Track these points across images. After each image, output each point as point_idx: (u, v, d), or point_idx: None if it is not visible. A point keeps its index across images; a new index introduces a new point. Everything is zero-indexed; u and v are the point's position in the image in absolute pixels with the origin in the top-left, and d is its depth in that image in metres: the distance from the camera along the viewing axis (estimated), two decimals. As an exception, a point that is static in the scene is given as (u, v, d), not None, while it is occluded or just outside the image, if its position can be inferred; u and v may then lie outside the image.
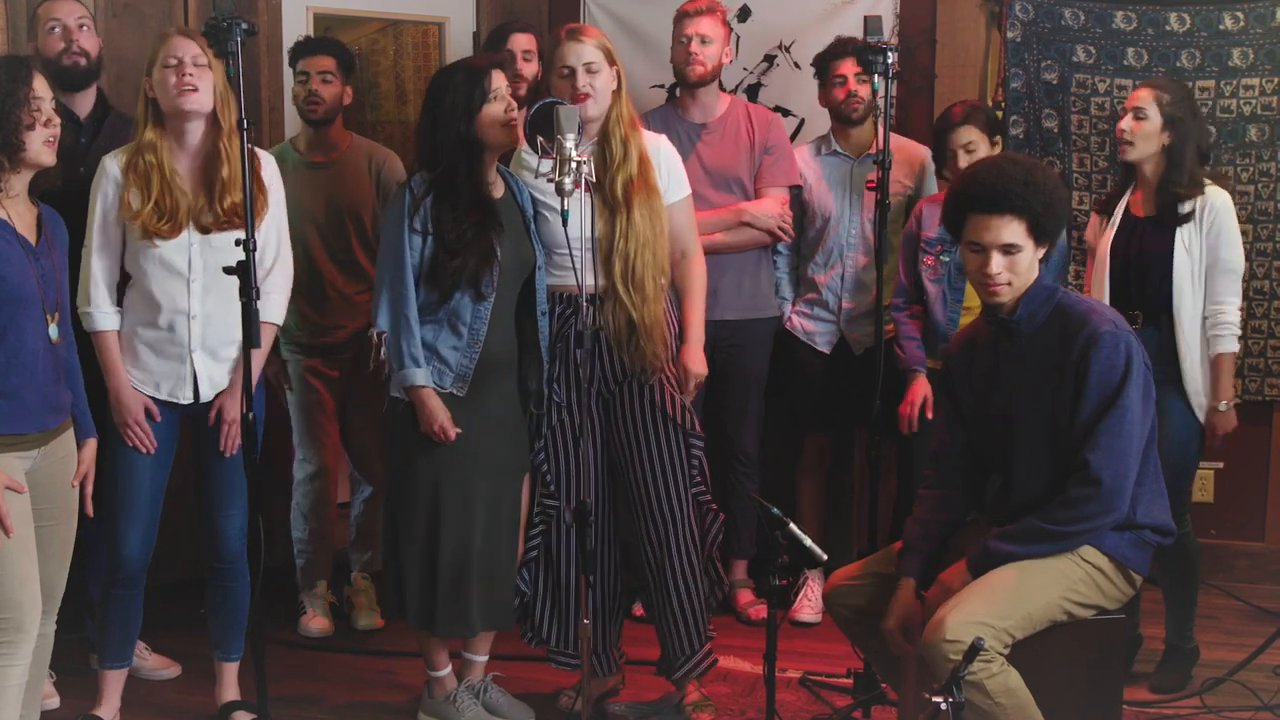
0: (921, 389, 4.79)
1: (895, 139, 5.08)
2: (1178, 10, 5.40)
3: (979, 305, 4.50)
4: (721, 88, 5.26)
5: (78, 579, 4.01)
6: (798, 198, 5.26)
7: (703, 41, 5.04)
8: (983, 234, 3.54)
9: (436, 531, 4.07)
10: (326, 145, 5.10)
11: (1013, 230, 3.52)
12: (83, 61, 4.52)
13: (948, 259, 4.79)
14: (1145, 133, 4.41)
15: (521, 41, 5.27)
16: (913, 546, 3.73)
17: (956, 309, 4.81)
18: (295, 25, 5.47)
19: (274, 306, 4.17)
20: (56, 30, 4.50)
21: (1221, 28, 5.38)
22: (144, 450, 4.06)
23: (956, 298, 4.81)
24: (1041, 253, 3.59)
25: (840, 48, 5.16)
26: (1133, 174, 4.54)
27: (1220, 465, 5.57)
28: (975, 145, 4.71)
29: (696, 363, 4.26)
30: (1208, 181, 4.44)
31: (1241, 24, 5.37)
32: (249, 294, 3.65)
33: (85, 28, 4.54)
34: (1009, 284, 3.56)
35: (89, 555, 4.35)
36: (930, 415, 4.73)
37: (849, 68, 5.12)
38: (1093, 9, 5.47)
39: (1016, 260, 3.54)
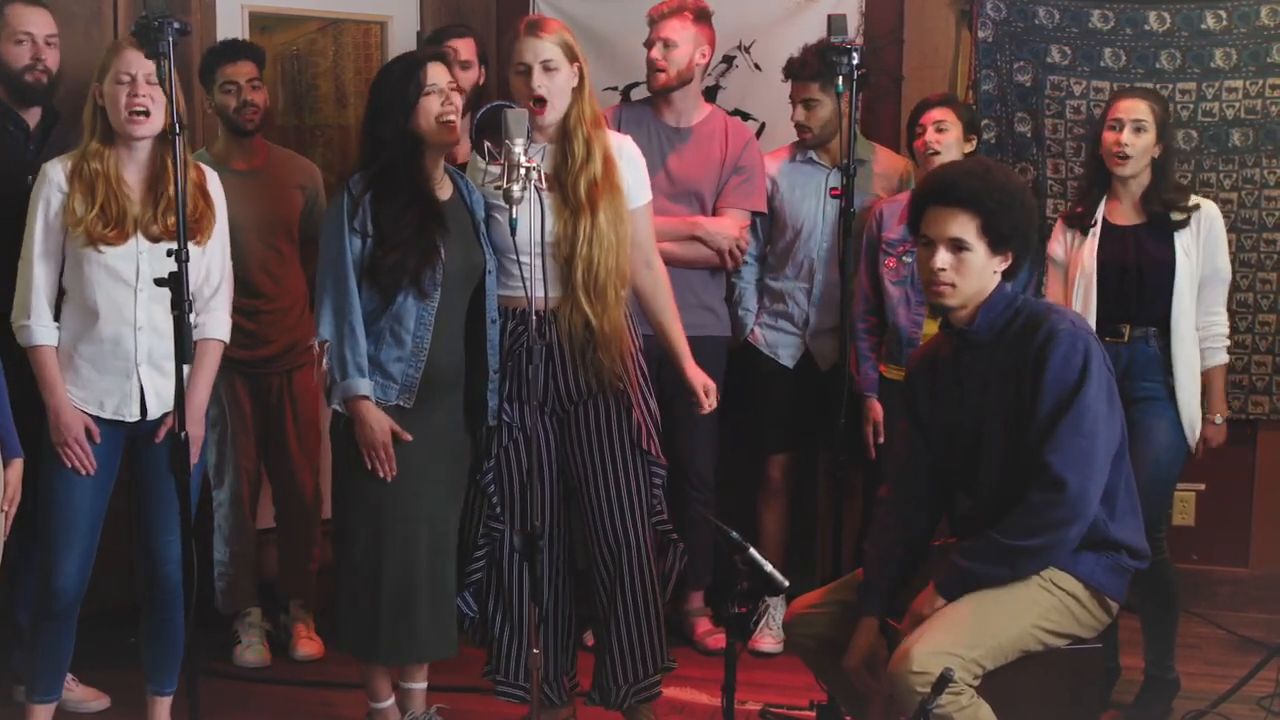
0: (874, 414, 4.90)
1: (879, 149, 5.17)
2: (1157, 9, 5.34)
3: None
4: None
5: (5, 608, 3.97)
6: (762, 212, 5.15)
7: (666, 46, 4.93)
8: (932, 226, 3.48)
9: (379, 554, 3.96)
10: (249, 153, 5.00)
11: (961, 224, 3.43)
12: (45, 79, 4.44)
13: (910, 259, 4.72)
14: (1145, 145, 4.38)
15: (458, 48, 5.04)
16: (873, 583, 3.63)
17: (920, 312, 4.74)
18: (230, 25, 5.39)
19: (220, 323, 4.10)
20: (25, 44, 4.41)
21: (1203, 27, 5.30)
22: (83, 472, 3.93)
23: (920, 300, 4.71)
24: (999, 263, 3.48)
25: (796, 66, 5.00)
26: (1108, 183, 4.47)
27: (1202, 487, 5.50)
28: (946, 125, 4.71)
29: (700, 374, 4.21)
30: (1195, 198, 4.44)
31: (1224, 23, 5.29)
32: (181, 306, 3.56)
33: (52, 45, 4.46)
34: (953, 285, 3.46)
35: (17, 583, 4.29)
36: (882, 439, 4.83)
37: (801, 91, 4.97)
38: (1068, 7, 5.40)
39: (965, 261, 3.44)
